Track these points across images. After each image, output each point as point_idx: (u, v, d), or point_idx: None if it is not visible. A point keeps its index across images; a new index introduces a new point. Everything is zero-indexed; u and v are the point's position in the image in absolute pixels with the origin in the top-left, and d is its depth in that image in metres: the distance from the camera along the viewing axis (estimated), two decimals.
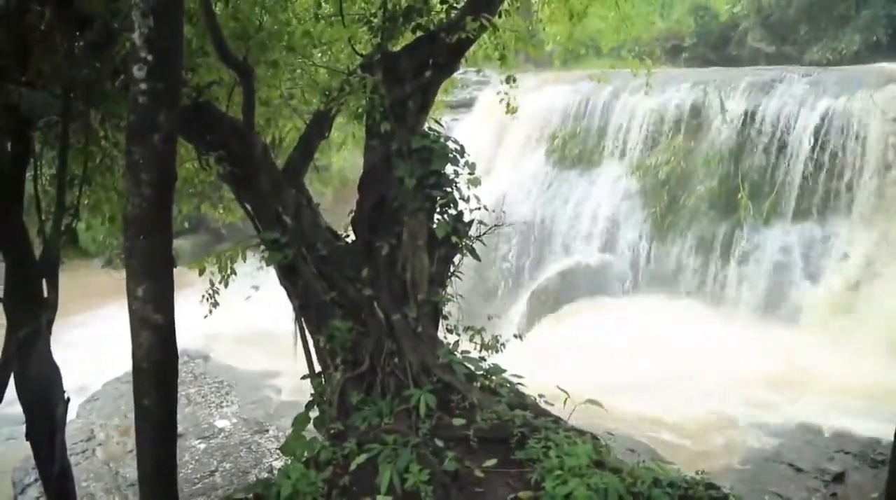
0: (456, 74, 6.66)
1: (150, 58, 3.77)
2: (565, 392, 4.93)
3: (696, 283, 13.24)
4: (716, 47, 22.89)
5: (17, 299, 5.13)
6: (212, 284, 5.76)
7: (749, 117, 13.33)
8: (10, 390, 5.32)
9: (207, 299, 5.77)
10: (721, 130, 13.71)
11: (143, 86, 3.82)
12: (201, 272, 5.69)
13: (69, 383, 5.56)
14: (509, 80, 6.22)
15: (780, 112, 12.92)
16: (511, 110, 6.37)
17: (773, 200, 12.65)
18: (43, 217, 5.41)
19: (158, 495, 4.43)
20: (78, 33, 5.07)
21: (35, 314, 5.13)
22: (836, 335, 10.74)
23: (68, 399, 5.53)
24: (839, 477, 7.59)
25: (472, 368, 5.29)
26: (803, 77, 13.48)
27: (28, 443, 5.45)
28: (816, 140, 12.21)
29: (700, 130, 14.19)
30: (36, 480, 7.47)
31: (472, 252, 5.74)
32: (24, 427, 5.38)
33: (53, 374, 5.33)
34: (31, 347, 5.13)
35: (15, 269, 5.12)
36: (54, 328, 5.38)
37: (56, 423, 5.34)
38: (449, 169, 5.53)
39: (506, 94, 6.21)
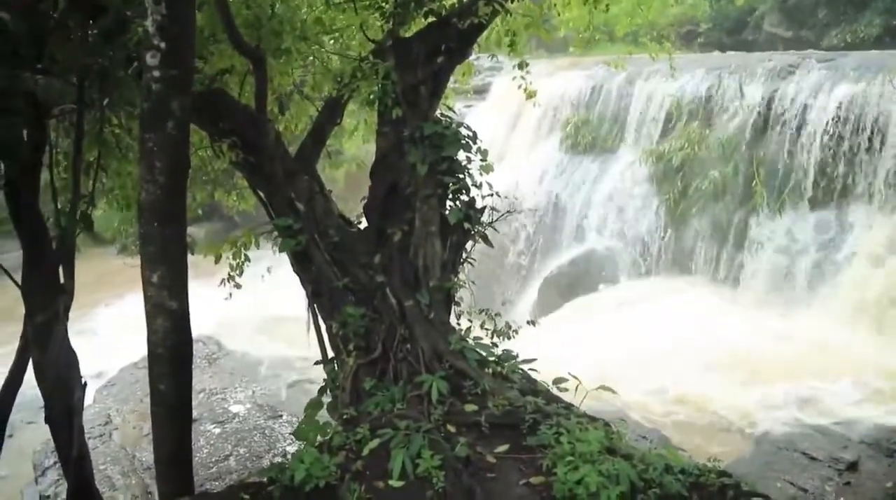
0: (469, 60, 6.63)
1: (162, 45, 3.79)
2: (577, 379, 4.93)
3: (709, 270, 13.15)
4: (731, 32, 22.62)
5: (34, 285, 5.19)
6: (231, 267, 5.78)
7: (765, 103, 13.16)
8: (29, 374, 5.41)
9: (227, 283, 5.77)
10: (736, 117, 13.56)
11: (156, 73, 3.84)
12: (217, 260, 5.71)
13: (86, 369, 5.64)
14: (521, 65, 6.16)
15: (797, 98, 12.74)
16: (530, 94, 6.29)
17: (789, 187, 12.50)
18: (59, 205, 5.46)
19: (174, 478, 4.50)
20: (91, 21, 5.09)
21: (52, 301, 5.20)
22: (851, 322, 10.66)
23: (85, 384, 5.60)
24: (853, 466, 7.54)
25: (484, 354, 5.29)
26: (821, 62, 13.27)
27: (47, 427, 5.54)
28: (834, 126, 12.03)
29: (715, 117, 14.05)
30: (55, 463, 7.60)
31: (485, 239, 5.73)
32: (42, 412, 5.47)
33: (71, 359, 5.41)
34: (49, 333, 5.20)
35: (32, 256, 5.18)
36: (70, 314, 5.44)
37: (74, 407, 5.42)
38: (461, 155, 5.51)
39: (522, 79, 6.15)
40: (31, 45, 4.79)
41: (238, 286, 5.81)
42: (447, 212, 5.48)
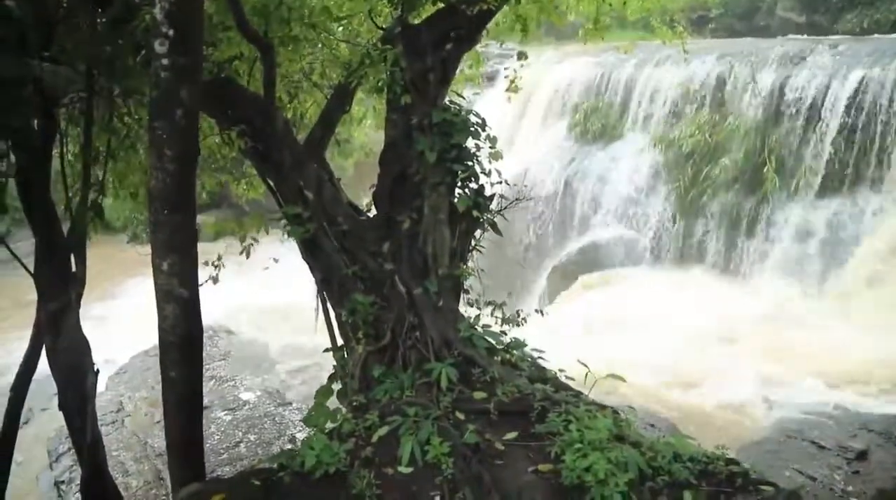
0: (477, 49, 6.58)
1: (171, 32, 3.77)
2: (586, 366, 4.93)
3: (720, 258, 13.10)
4: (743, 17, 22.37)
5: (46, 273, 5.23)
6: (219, 257, 5.78)
7: (777, 90, 13.02)
8: (43, 362, 5.46)
9: (214, 267, 5.77)
10: (748, 103, 13.43)
11: (164, 61, 3.83)
12: (216, 236, 5.71)
13: (98, 357, 5.69)
14: (521, 56, 6.15)
15: (810, 84, 12.60)
16: (513, 89, 6.53)
17: (801, 175, 12.40)
18: (69, 193, 5.48)
19: (185, 464, 4.53)
20: (99, 9, 5.08)
21: (64, 288, 5.23)
22: (863, 312, 10.58)
23: (97, 371, 5.65)
24: (862, 455, 7.53)
25: (493, 342, 5.30)
26: (835, 48, 13.10)
27: (61, 413, 5.60)
28: (847, 113, 11.90)
29: (726, 103, 13.92)
30: (69, 449, 7.70)
31: (494, 226, 5.72)
32: (56, 399, 5.53)
33: (83, 347, 5.45)
34: (61, 320, 5.24)
35: (44, 244, 5.21)
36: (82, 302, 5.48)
37: (87, 394, 5.47)
38: (470, 143, 5.48)
39: (515, 71, 6.20)
40: (39, 34, 4.79)
41: (217, 265, 5.77)
42: (456, 200, 5.46)
